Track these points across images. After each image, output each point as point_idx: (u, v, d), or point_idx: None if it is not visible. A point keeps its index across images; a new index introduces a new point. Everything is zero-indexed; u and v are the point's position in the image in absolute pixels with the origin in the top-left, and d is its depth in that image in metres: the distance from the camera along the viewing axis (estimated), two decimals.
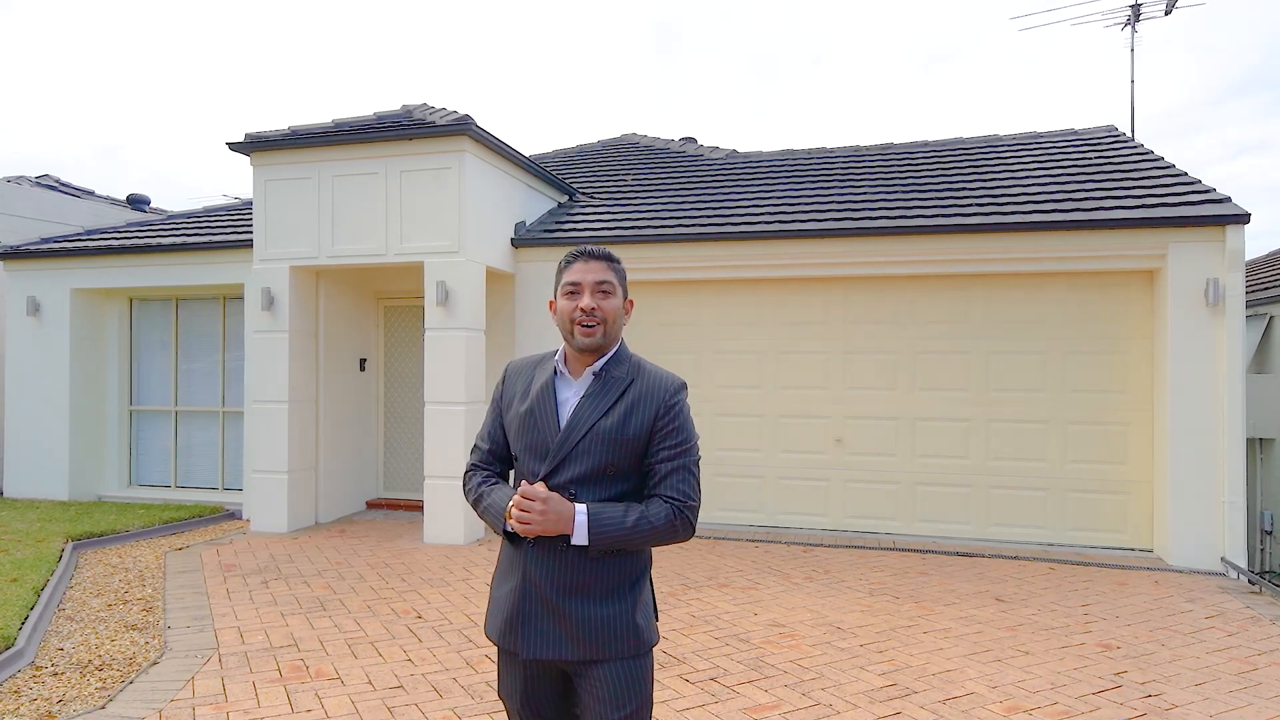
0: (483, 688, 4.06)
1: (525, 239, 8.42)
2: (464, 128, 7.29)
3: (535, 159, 11.43)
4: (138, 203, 14.42)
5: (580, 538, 1.90)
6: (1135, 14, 11.04)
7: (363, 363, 9.11)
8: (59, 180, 13.60)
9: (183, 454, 9.56)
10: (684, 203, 9.07)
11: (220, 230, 9.37)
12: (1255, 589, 6.07)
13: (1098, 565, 6.71)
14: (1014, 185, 8.18)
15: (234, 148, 7.90)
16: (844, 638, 4.85)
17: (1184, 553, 6.66)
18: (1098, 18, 11.25)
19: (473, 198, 7.52)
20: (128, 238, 9.62)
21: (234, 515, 8.69)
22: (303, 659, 4.46)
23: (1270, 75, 41.65)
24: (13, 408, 9.59)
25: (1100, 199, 7.39)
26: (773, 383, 8.05)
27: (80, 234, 10.28)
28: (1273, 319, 8.65)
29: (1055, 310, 7.38)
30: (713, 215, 8.45)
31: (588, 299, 2.04)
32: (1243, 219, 6.60)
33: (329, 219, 7.73)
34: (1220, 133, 43.18)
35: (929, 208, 7.82)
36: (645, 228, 8.37)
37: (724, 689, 4.06)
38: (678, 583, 6.06)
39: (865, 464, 7.80)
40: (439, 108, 8.23)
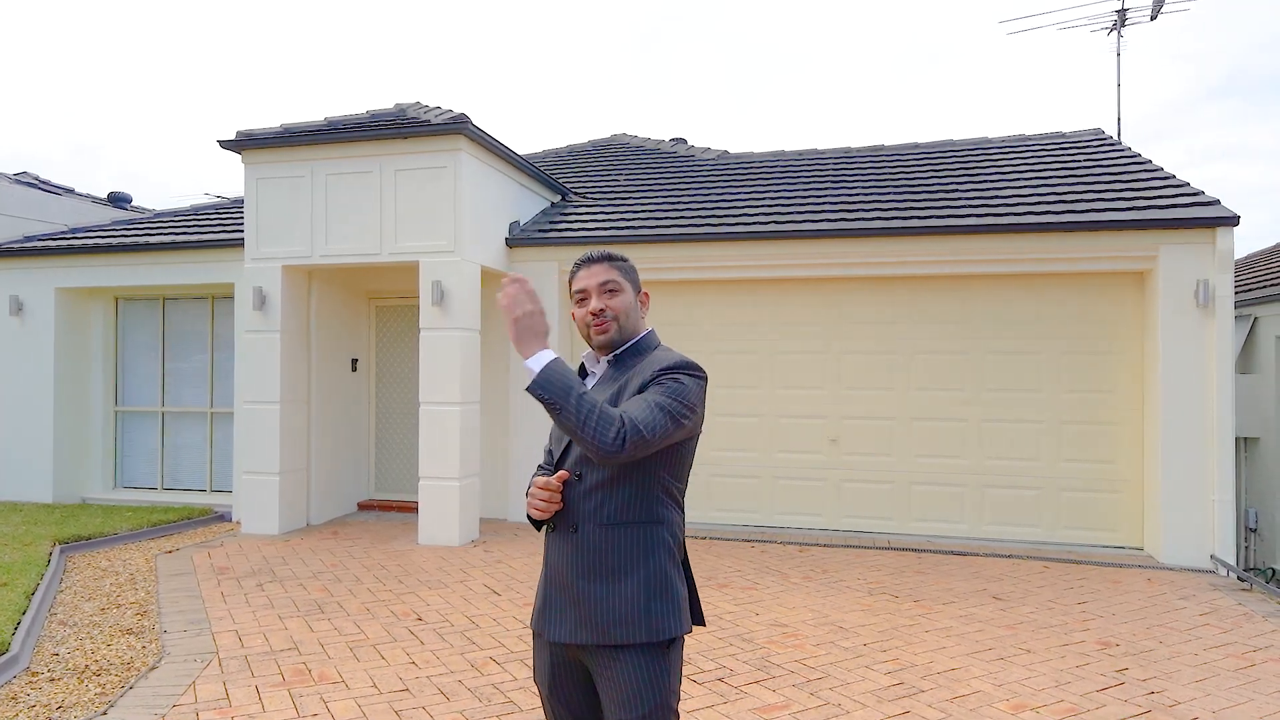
0: (490, 690, 4.03)
1: (520, 239, 8.39)
2: (460, 126, 7.25)
3: (526, 159, 11.36)
4: (119, 201, 14.18)
5: (537, 363, 1.86)
6: (1121, 19, 11.17)
7: (354, 363, 9.04)
8: (38, 177, 13.35)
9: (170, 455, 9.43)
10: (678, 203, 9.07)
11: (209, 229, 9.25)
12: (1245, 586, 6.16)
13: (1090, 563, 6.78)
14: (1006, 187, 8.24)
15: (225, 145, 7.81)
16: (847, 637, 4.86)
17: (1174, 551, 6.74)
18: (1084, 22, 11.38)
19: (469, 197, 7.48)
20: (114, 236, 9.48)
21: (223, 517, 8.59)
22: (305, 662, 4.41)
23: (1243, 82, 42.35)
24: None
25: (1091, 201, 7.47)
26: (769, 383, 8.07)
27: (64, 232, 10.12)
28: (1257, 320, 8.79)
29: (1049, 311, 7.45)
30: (707, 216, 8.46)
31: (595, 302, 2.14)
32: (1232, 221, 6.70)
33: (322, 218, 7.65)
34: (1195, 137, 43.84)
35: (922, 209, 7.87)
36: (640, 228, 8.36)
37: (732, 689, 4.06)
38: None
39: (861, 464, 7.84)
40: (433, 106, 8.19)
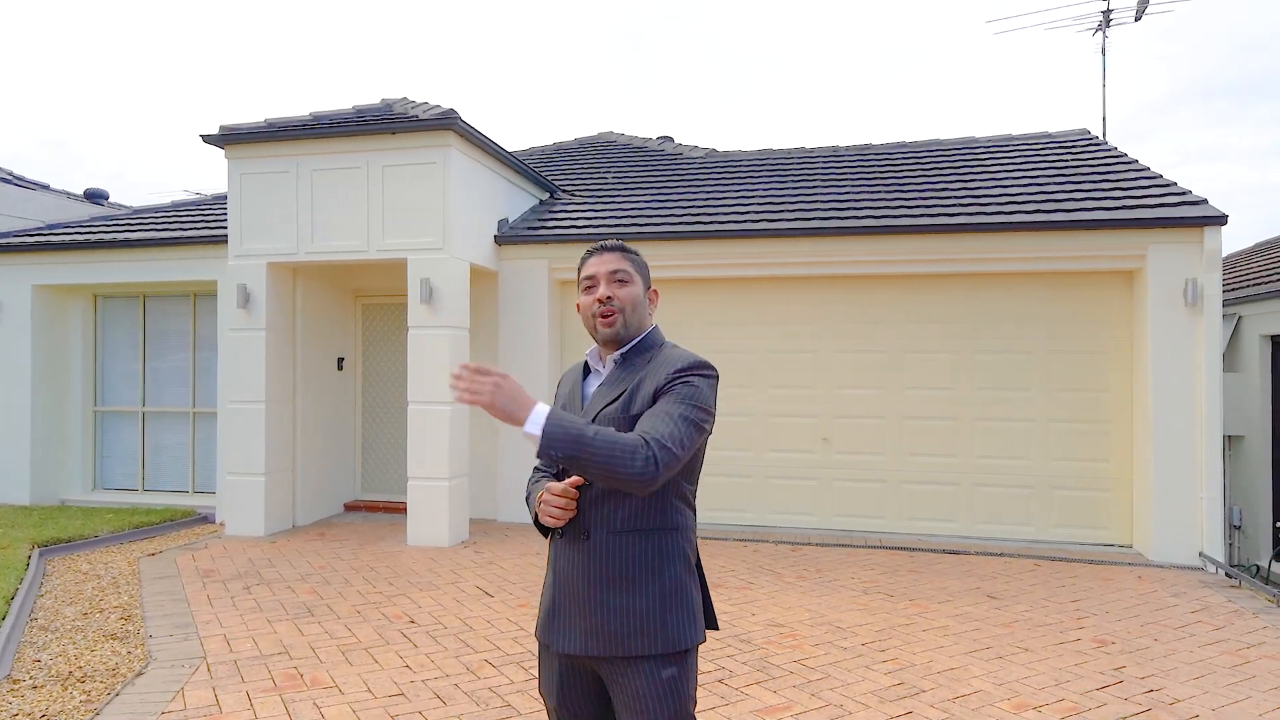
0: (487, 694, 3.96)
1: (509, 236, 8.30)
2: (449, 122, 7.16)
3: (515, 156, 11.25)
4: (96, 197, 13.89)
5: (534, 425, 1.74)
6: (1106, 20, 11.25)
7: (340, 362, 8.91)
8: (11, 173, 13.07)
9: (151, 456, 9.26)
10: (666, 201, 9.02)
11: (190, 225, 9.09)
12: (1234, 582, 6.21)
13: (1081, 561, 6.81)
14: (994, 186, 8.27)
15: (208, 140, 7.66)
16: (845, 637, 4.84)
17: (1163, 548, 6.79)
18: (1070, 22, 11.46)
19: (458, 194, 7.39)
20: (93, 233, 9.28)
21: (206, 519, 8.44)
22: (296, 667, 4.32)
23: (1225, 84, 42.95)
24: None
25: (1080, 200, 7.50)
26: (760, 382, 8.05)
27: (42, 228, 9.91)
28: (1241, 319, 8.87)
29: (1038, 310, 7.48)
30: (697, 214, 8.42)
31: (603, 288, 2.05)
32: (1220, 220, 6.75)
33: (308, 214, 7.53)
34: (1177, 138, 44.39)
35: (912, 207, 7.87)
36: (629, 225, 8.31)
37: (732, 690, 4.02)
38: None
39: (853, 463, 7.83)
40: (420, 102, 8.09)
